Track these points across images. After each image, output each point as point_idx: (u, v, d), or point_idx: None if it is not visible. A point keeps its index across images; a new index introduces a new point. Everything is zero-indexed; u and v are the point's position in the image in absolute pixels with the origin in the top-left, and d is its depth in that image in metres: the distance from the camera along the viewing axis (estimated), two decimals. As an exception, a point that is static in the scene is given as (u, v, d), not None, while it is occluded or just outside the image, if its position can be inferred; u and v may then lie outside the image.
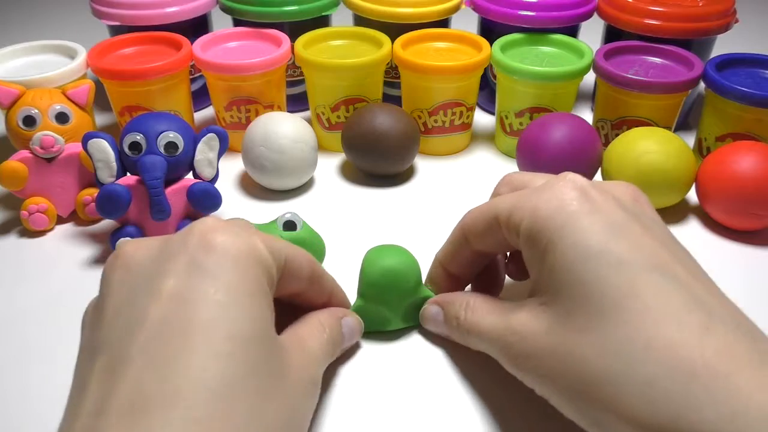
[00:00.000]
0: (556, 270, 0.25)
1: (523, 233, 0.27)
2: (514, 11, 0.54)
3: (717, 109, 0.49)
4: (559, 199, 0.26)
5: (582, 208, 0.26)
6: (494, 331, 0.29)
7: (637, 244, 0.25)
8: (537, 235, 0.26)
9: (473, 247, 0.32)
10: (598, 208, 0.26)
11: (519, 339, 0.27)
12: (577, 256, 0.25)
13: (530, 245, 0.27)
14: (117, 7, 0.54)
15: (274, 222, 0.38)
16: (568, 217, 0.26)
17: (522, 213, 0.27)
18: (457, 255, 0.34)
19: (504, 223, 0.29)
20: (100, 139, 0.39)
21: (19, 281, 0.40)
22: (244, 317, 0.22)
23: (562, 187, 0.27)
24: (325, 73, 0.51)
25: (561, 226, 0.26)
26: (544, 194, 0.27)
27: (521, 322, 0.27)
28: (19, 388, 0.33)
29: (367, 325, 0.35)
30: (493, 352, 0.29)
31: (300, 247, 0.29)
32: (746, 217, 0.43)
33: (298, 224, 0.37)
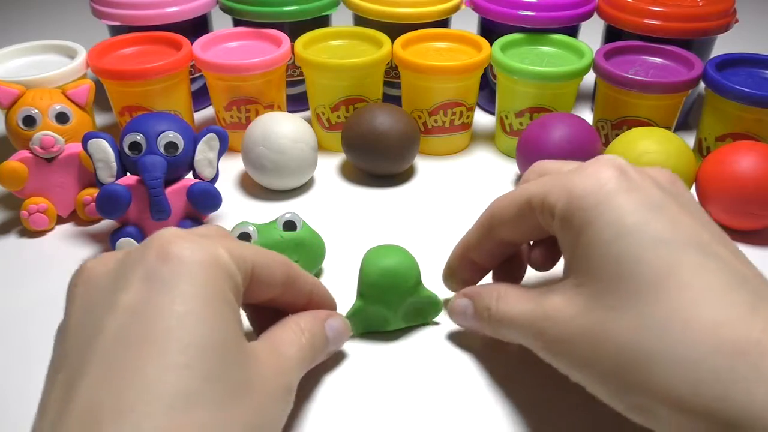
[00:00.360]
0: (592, 248, 0.25)
1: (558, 214, 0.26)
2: (514, 11, 0.54)
3: (717, 109, 0.49)
4: (596, 177, 0.26)
5: (620, 186, 0.25)
6: (527, 318, 0.28)
7: (676, 222, 0.24)
8: (573, 214, 0.26)
9: (500, 235, 0.31)
10: (636, 187, 0.25)
11: (552, 324, 0.26)
12: (614, 233, 0.24)
13: (566, 226, 0.26)
14: (117, 7, 0.54)
15: (274, 222, 0.38)
16: (605, 195, 0.25)
17: (558, 193, 0.27)
18: (483, 243, 0.33)
19: (538, 206, 0.28)
20: (100, 139, 0.39)
21: (19, 281, 0.40)
22: (201, 326, 0.22)
23: (599, 167, 0.26)
24: (325, 73, 0.51)
25: (597, 204, 0.25)
26: (581, 174, 0.26)
27: (555, 307, 0.26)
28: (19, 388, 0.33)
29: (367, 325, 0.35)
30: (527, 340, 0.28)
31: (274, 253, 0.28)
32: (746, 217, 0.43)
33: (298, 224, 0.37)
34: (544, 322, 0.27)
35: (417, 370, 0.33)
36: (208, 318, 0.22)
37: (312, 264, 0.39)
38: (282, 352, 0.27)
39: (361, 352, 0.34)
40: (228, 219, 0.46)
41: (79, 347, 0.22)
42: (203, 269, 0.23)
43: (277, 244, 0.36)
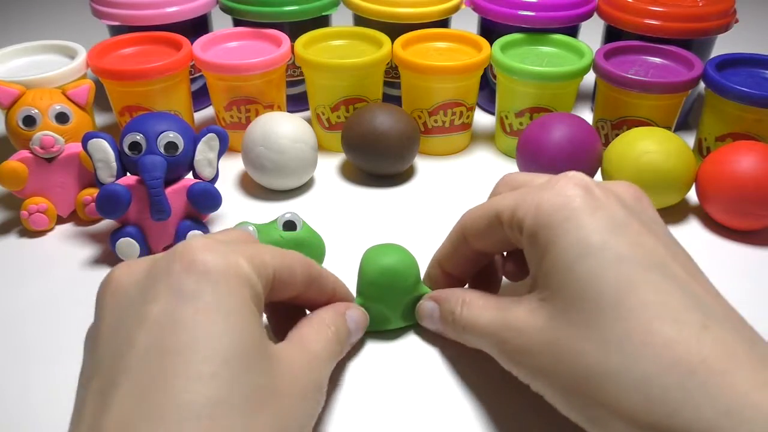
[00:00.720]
0: (557, 266, 0.25)
1: (526, 230, 0.27)
2: (514, 11, 0.54)
3: (717, 109, 0.49)
4: (563, 195, 0.26)
5: (584, 204, 0.26)
6: (490, 326, 0.29)
7: (637, 241, 0.25)
8: (539, 231, 0.27)
9: (472, 246, 0.32)
10: (600, 206, 0.26)
11: (516, 334, 0.27)
12: (577, 252, 0.25)
13: (532, 242, 0.27)
14: (117, 7, 0.54)
15: (274, 222, 0.38)
16: (570, 213, 0.26)
17: (525, 209, 0.27)
18: (456, 255, 0.34)
19: (507, 220, 0.29)
20: (100, 139, 0.39)
21: (19, 281, 0.40)
22: (225, 335, 0.22)
23: (565, 184, 0.27)
24: (325, 73, 0.51)
25: (563, 222, 0.26)
26: (548, 191, 0.27)
27: (518, 318, 0.27)
28: (19, 388, 0.33)
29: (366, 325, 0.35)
30: (489, 348, 0.29)
31: (295, 252, 0.29)
32: (746, 217, 0.43)
33: (298, 224, 0.37)
34: (508, 332, 0.27)
35: (417, 370, 0.33)
36: (231, 327, 0.23)
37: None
38: (310, 349, 0.28)
39: (360, 352, 0.34)
40: (228, 219, 0.46)
41: (111, 358, 0.23)
42: (224, 279, 0.24)
43: (277, 244, 0.36)
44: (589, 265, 0.25)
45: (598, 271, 0.24)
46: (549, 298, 0.26)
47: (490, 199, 0.31)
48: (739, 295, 0.39)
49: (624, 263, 0.24)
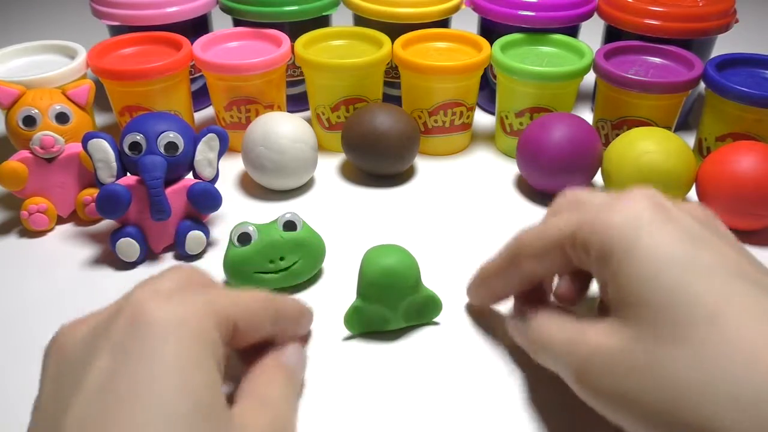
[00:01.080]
0: (638, 281, 0.24)
1: (595, 250, 0.25)
2: (514, 11, 0.54)
3: (717, 109, 0.49)
4: (632, 209, 0.25)
5: (657, 217, 0.25)
6: (567, 344, 0.26)
7: (720, 252, 0.24)
8: (613, 249, 0.25)
9: (526, 268, 0.30)
10: (673, 218, 0.25)
11: (595, 353, 0.24)
12: (661, 264, 0.23)
13: (604, 261, 0.25)
14: (117, 7, 0.54)
15: (274, 222, 0.38)
16: (643, 225, 0.24)
17: (592, 229, 0.26)
18: (506, 275, 0.32)
19: (570, 242, 0.27)
20: (100, 139, 0.39)
21: (19, 281, 0.40)
22: (169, 401, 0.20)
23: (634, 199, 0.26)
24: (325, 73, 0.51)
25: (638, 236, 0.24)
26: (616, 206, 0.26)
27: (599, 336, 0.25)
28: (19, 388, 0.32)
29: (366, 324, 0.35)
30: (564, 369, 0.27)
31: (255, 293, 0.27)
32: (746, 217, 0.43)
33: (298, 224, 0.37)
34: (586, 351, 0.25)
35: (417, 370, 0.33)
36: (176, 391, 0.21)
37: (312, 264, 0.39)
38: (269, 401, 0.26)
39: (361, 352, 0.34)
40: (228, 219, 0.46)
41: (47, 427, 0.21)
42: (175, 336, 0.22)
43: (277, 244, 0.36)
44: (676, 275, 0.23)
45: (688, 282, 0.22)
46: (632, 316, 0.24)
47: (549, 220, 0.30)
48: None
49: (714, 273, 0.23)
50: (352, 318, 0.35)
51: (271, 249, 0.36)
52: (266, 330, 0.27)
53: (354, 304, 0.34)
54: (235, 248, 0.36)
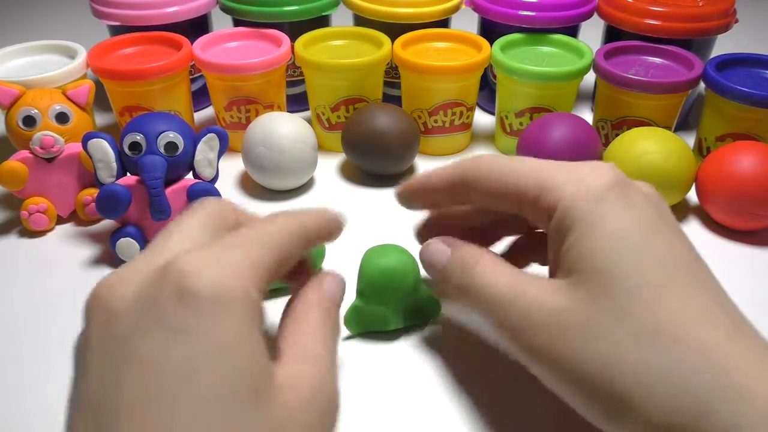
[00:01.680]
0: (592, 255, 0.25)
1: (558, 216, 0.26)
2: (514, 11, 0.54)
3: (717, 109, 0.49)
4: (600, 185, 0.26)
5: (621, 198, 0.26)
6: (505, 293, 0.26)
7: (671, 242, 0.25)
8: (574, 220, 0.25)
9: (470, 198, 0.30)
10: (635, 202, 0.26)
11: (536, 308, 0.25)
12: (620, 245, 0.24)
13: (563, 229, 0.26)
14: (117, 7, 0.54)
15: None
16: (610, 205, 0.25)
17: (560, 195, 0.26)
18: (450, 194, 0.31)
19: (531, 198, 0.27)
20: (100, 139, 0.40)
21: (19, 281, 0.40)
22: (222, 376, 0.21)
23: (600, 175, 0.26)
24: (325, 73, 0.51)
25: (602, 214, 0.25)
26: (584, 179, 0.26)
27: (543, 292, 0.25)
28: (18, 388, 0.33)
29: (366, 324, 0.35)
30: (492, 318, 0.27)
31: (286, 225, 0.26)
32: (746, 217, 0.43)
33: None
34: (526, 303, 0.26)
35: (417, 370, 0.33)
36: (229, 364, 0.21)
37: (312, 264, 0.38)
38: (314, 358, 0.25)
39: (361, 352, 0.34)
40: (228, 219, 0.45)
41: (98, 395, 0.21)
42: (222, 312, 0.21)
43: None
44: (630, 257, 0.24)
45: (639, 264, 0.24)
46: (579, 282, 0.25)
47: (509, 162, 0.29)
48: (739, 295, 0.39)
49: (663, 261, 0.24)
50: (352, 318, 0.35)
51: None
52: (298, 258, 0.27)
53: (353, 304, 0.34)
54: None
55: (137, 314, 0.22)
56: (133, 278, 0.23)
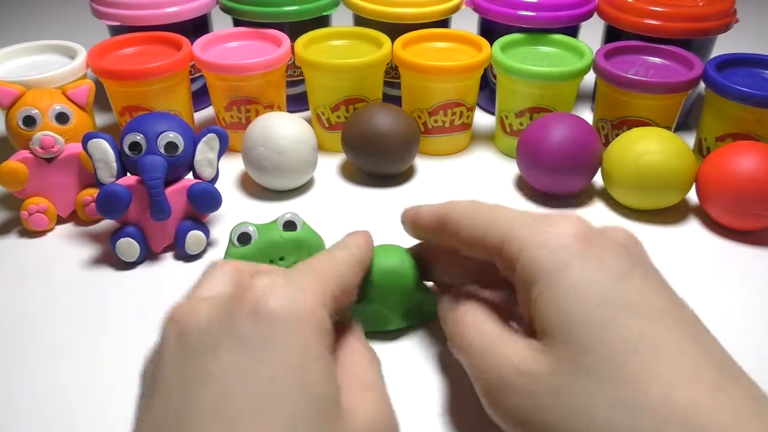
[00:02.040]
0: (558, 311, 0.24)
1: (520, 269, 0.25)
2: (514, 11, 0.54)
3: (717, 109, 0.49)
4: (560, 236, 0.25)
5: (583, 248, 0.25)
6: (486, 351, 0.26)
7: (644, 291, 0.24)
8: (536, 274, 0.25)
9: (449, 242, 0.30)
10: (599, 251, 0.25)
11: (512, 372, 0.24)
12: (583, 298, 0.23)
13: (527, 284, 0.25)
14: (117, 7, 0.54)
15: (274, 222, 0.38)
16: (572, 256, 0.24)
17: (521, 246, 0.25)
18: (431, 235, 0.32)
19: (497, 250, 0.27)
20: (100, 139, 0.40)
21: (19, 281, 0.40)
22: (292, 396, 0.21)
23: (561, 225, 0.25)
24: (325, 73, 0.51)
25: (563, 266, 0.24)
26: (545, 230, 0.25)
27: (519, 355, 0.24)
28: (19, 388, 0.33)
29: (366, 324, 0.35)
30: (474, 371, 0.26)
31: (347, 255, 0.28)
32: (746, 217, 0.43)
33: (298, 224, 0.37)
34: (507, 368, 0.24)
35: (417, 370, 0.33)
36: (299, 385, 0.21)
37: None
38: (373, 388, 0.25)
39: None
40: (228, 219, 0.46)
41: (171, 408, 0.21)
42: (297, 329, 0.22)
43: (277, 244, 0.36)
44: (598, 315, 0.23)
45: (609, 318, 0.23)
46: (551, 344, 0.24)
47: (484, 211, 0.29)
48: (739, 295, 0.39)
49: (636, 314, 0.23)
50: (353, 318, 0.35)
51: (271, 249, 0.36)
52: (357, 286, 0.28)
53: (354, 304, 0.34)
54: (235, 248, 0.36)
55: (213, 331, 0.22)
56: (209, 301, 0.23)
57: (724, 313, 0.38)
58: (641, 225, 0.46)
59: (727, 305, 0.38)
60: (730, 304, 0.39)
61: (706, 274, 0.41)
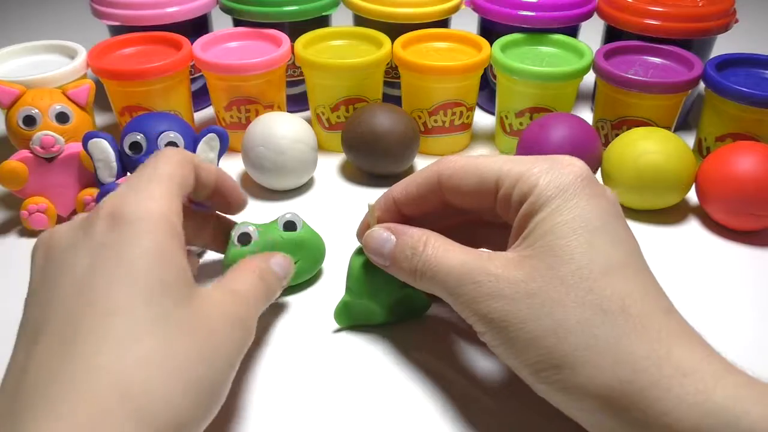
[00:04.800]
0: (555, 230, 0.27)
1: (531, 199, 0.28)
2: (514, 11, 0.54)
3: (717, 109, 0.49)
4: (571, 176, 0.28)
5: (589, 189, 0.28)
6: (461, 267, 0.28)
7: (626, 231, 0.28)
8: (544, 203, 0.27)
9: (445, 198, 0.31)
10: (600, 194, 0.28)
11: (492, 279, 0.27)
12: (582, 225, 0.27)
13: (532, 211, 0.28)
14: (117, 7, 0.54)
15: (274, 222, 0.38)
16: (577, 192, 0.27)
17: (533, 181, 0.28)
18: (422, 200, 0.32)
19: (506, 188, 0.29)
20: (100, 139, 0.40)
21: (19, 281, 0.40)
22: (144, 276, 0.24)
23: (571, 164, 0.28)
24: (325, 73, 0.51)
25: (569, 198, 0.27)
26: (557, 169, 0.28)
27: (498, 264, 0.27)
28: (19, 388, 0.33)
29: (355, 319, 0.35)
30: (448, 291, 0.28)
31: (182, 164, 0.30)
32: (746, 217, 0.43)
33: (298, 224, 0.37)
34: (482, 275, 0.27)
35: (405, 366, 0.33)
36: (151, 268, 0.24)
37: (312, 264, 0.39)
38: (234, 289, 0.29)
39: (351, 347, 0.35)
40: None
41: (39, 308, 0.25)
42: (149, 230, 0.25)
43: (277, 244, 0.36)
44: (587, 238, 0.26)
45: (594, 244, 0.26)
46: (535, 255, 0.27)
47: (483, 158, 0.30)
48: (739, 295, 0.39)
49: (617, 245, 0.27)
50: (342, 312, 0.35)
51: (272, 249, 0.36)
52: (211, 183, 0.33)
53: (343, 299, 0.35)
54: (235, 248, 0.36)
55: (74, 244, 0.26)
56: (68, 224, 0.27)
57: (724, 313, 0.38)
58: (641, 225, 0.46)
59: (727, 305, 0.38)
60: (730, 304, 0.39)
61: (706, 274, 0.41)
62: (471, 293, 0.27)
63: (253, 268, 0.31)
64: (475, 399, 0.32)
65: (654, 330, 0.25)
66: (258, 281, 0.30)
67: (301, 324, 0.36)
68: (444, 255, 0.29)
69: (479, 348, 0.35)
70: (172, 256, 0.25)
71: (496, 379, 0.33)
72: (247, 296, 0.29)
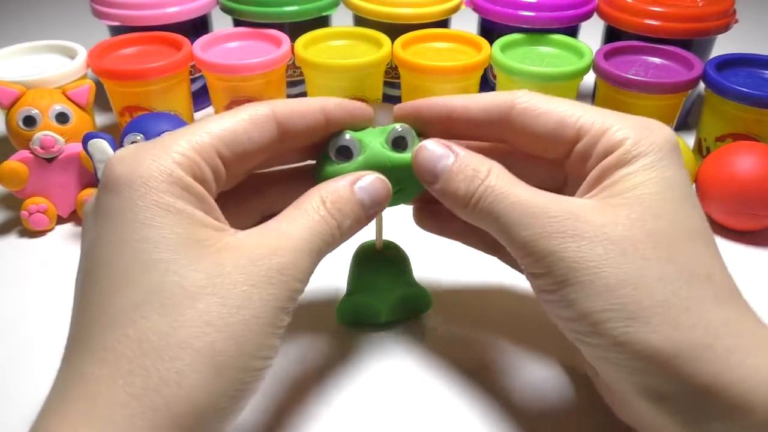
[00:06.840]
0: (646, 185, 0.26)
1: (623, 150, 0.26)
2: (514, 11, 0.54)
3: (717, 110, 0.49)
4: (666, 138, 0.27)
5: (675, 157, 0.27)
6: (531, 201, 0.25)
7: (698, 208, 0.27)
8: (636, 157, 0.26)
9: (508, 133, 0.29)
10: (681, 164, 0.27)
11: (572, 217, 0.25)
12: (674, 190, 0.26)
13: (621, 162, 0.26)
14: (117, 7, 0.54)
15: (381, 133, 0.29)
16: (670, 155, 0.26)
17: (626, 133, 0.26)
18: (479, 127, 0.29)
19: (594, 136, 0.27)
20: (100, 139, 0.40)
21: (19, 281, 0.40)
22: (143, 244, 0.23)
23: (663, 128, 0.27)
24: (325, 73, 0.51)
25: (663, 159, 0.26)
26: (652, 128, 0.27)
27: (578, 206, 0.25)
28: (19, 388, 0.33)
29: (357, 316, 0.35)
30: (514, 224, 0.25)
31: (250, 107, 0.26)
32: (746, 217, 0.43)
33: (409, 142, 0.28)
34: (563, 213, 0.25)
35: (406, 362, 0.33)
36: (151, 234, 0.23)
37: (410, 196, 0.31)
38: (282, 232, 0.24)
39: (350, 347, 0.35)
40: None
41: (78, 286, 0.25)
42: (140, 193, 0.23)
43: (383, 168, 0.28)
44: (678, 200, 0.26)
45: (686, 209, 0.26)
46: (620, 205, 0.25)
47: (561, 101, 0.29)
48: (739, 295, 0.39)
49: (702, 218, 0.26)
50: (344, 310, 0.35)
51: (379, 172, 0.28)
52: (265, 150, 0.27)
53: (345, 296, 0.35)
54: (331, 164, 0.28)
55: (88, 213, 0.25)
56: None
57: (724, 313, 0.38)
58: (641, 225, 0.46)
59: (727, 305, 0.38)
60: (730, 304, 0.39)
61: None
62: (541, 228, 0.25)
63: (321, 200, 0.26)
64: (477, 398, 0.32)
65: (735, 303, 0.24)
66: (320, 220, 0.25)
67: (303, 322, 0.36)
68: (511, 185, 0.26)
69: (481, 347, 0.35)
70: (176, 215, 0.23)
71: (498, 378, 0.33)
72: (293, 240, 0.24)
